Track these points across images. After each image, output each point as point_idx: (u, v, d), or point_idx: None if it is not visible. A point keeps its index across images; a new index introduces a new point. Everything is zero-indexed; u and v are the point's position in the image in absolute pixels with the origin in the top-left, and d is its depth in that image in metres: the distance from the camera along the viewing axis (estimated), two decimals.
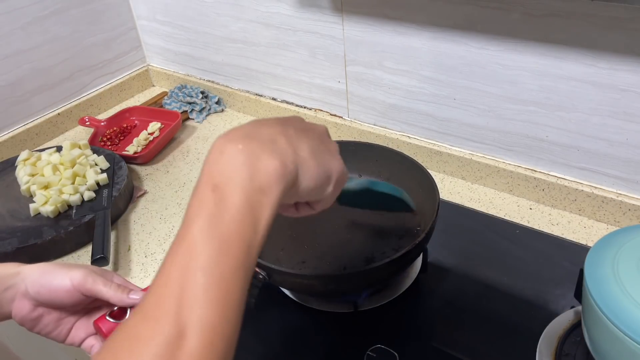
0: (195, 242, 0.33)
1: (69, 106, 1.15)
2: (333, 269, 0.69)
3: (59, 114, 1.13)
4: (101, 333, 0.52)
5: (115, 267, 0.80)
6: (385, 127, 0.95)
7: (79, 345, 0.54)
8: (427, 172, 0.73)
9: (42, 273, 0.51)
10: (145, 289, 0.52)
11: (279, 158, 0.36)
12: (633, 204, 0.75)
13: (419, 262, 0.73)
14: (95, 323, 0.52)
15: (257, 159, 0.35)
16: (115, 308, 0.53)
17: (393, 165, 0.79)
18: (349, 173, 0.45)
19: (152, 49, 1.26)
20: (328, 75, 0.97)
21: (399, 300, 0.69)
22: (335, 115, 1.01)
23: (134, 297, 0.51)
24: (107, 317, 0.52)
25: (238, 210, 0.34)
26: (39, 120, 1.11)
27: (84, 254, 0.82)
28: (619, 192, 0.76)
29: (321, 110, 1.03)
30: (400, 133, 0.94)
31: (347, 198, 0.59)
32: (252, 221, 0.34)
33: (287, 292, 0.72)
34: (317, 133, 0.41)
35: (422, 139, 0.92)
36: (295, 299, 0.71)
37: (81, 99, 1.17)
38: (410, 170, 0.76)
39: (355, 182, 0.68)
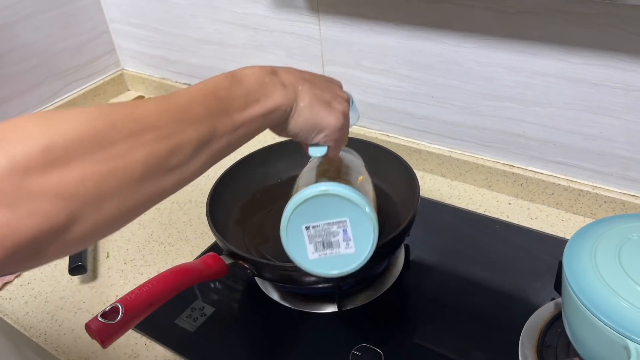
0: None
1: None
2: None
3: None
4: (93, 334, 0.51)
5: (95, 275, 0.78)
6: (364, 127, 0.95)
7: None
8: (406, 163, 0.74)
9: None
10: None
11: (281, 96, 0.45)
12: (608, 196, 0.76)
13: (401, 260, 0.74)
14: (87, 325, 0.52)
15: (269, 84, 0.45)
16: (107, 308, 0.52)
17: (372, 159, 0.79)
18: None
19: (126, 52, 1.24)
20: None
21: (382, 298, 0.69)
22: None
23: None
24: (99, 318, 0.51)
25: (247, 89, 0.43)
26: None
27: (61, 262, 0.80)
28: (594, 184, 0.78)
29: None
30: (380, 132, 0.94)
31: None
32: (249, 102, 0.43)
33: (271, 295, 0.71)
34: (330, 96, 0.49)
35: (401, 137, 0.92)
36: (279, 301, 0.70)
37: (54, 105, 1.14)
38: (389, 163, 0.76)
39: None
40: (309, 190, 0.44)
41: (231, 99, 0.42)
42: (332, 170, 0.52)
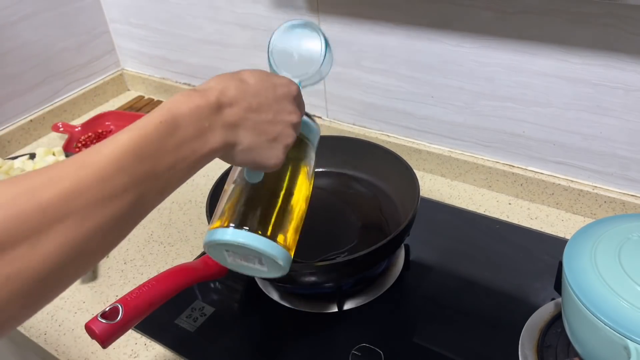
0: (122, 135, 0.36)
1: (41, 112, 1.12)
2: (312, 260, 0.69)
3: (31, 120, 1.11)
4: (93, 334, 0.51)
5: (94, 275, 0.78)
6: (364, 127, 0.96)
7: None
8: (406, 163, 0.74)
9: None
10: None
11: (220, 139, 0.41)
12: (608, 196, 0.76)
13: (401, 260, 0.74)
14: (87, 325, 0.52)
15: (207, 129, 0.40)
16: (107, 308, 0.52)
17: (372, 159, 0.80)
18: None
19: (126, 52, 1.24)
20: None
21: (382, 298, 0.69)
22: (314, 115, 1.01)
23: None
24: (99, 318, 0.52)
25: (179, 141, 0.38)
26: (10, 128, 1.08)
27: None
28: (594, 184, 0.78)
29: None
30: (380, 132, 0.94)
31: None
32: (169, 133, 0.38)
33: (271, 295, 0.71)
34: (277, 131, 0.45)
35: (401, 137, 0.92)
36: (279, 301, 0.70)
37: (54, 105, 1.15)
38: (389, 163, 0.76)
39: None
40: (223, 237, 0.48)
41: (161, 156, 0.36)
42: (261, 187, 0.52)
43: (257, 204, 0.51)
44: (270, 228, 0.49)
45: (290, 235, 0.51)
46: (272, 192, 0.52)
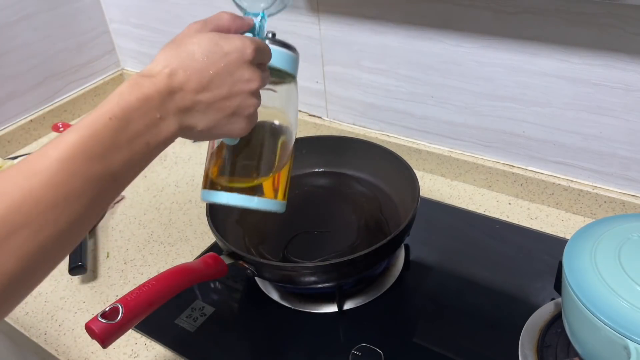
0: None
1: (41, 112, 1.12)
2: (312, 260, 0.69)
3: (31, 120, 1.11)
4: (93, 334, 0.51)
5: (95, 275, 0.78)
6: (364, 127, 0.96)
7: None
8: (406, 163, 0.74)
9: None
10: None
11: (172, 133, 0.40)
12: (608, 196, 0.76)
13: (401, 260, 0.74)
14: (87, 325, 0.52)
15: (165, 122, 0.39)
16: (107, 308, 0.52)
17: (372, 159, 0.80)
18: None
19: (126, 52, 1.24)
20: (306, 76, 0.97)
21: (382, 298, 0.69)
22: (314, 116, 1.01)
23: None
24: (99, 318, 0.52)
25: (131, 136, 0.37)
26: (10, 128, 1.08)
27: (61, 262, 0.80)
28: (594, 184, 0.78)
29: (300, 111, 1.02)
30: (380, 132, 0.94)
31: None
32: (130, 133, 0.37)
33: (271, 295, 0.71)
34: (235, 104, 0.43)
35: (401, 137, 0.92)
36: (279, 301, 0.70)
37: (54, 105, 1.15)
38: (389, 163, 0.77)
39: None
40: (215, 199, 0.51)
41: (114, 153, 0.35)
42: (248, 150, 0.52)
43: (244, 162, 0.52)
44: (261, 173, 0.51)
45: (281, 178, 0.53)
46: (257, 146, 0.52)
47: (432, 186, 0.89)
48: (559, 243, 0.74)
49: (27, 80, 1.09)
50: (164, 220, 0.87)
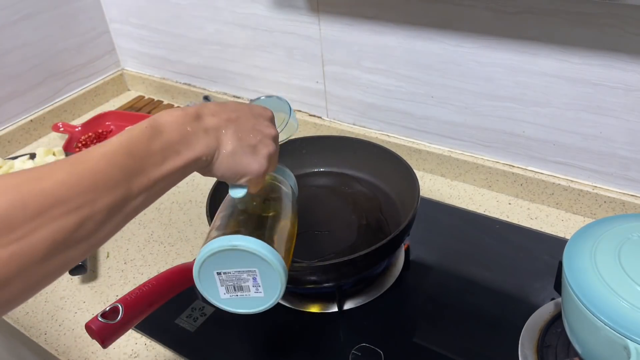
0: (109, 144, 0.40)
1: (41, 112, 1.12)
2: (312, 260, 0.69)
3: (31, 120, 1.11)
4: (93, 334, 0.51)
5: (95, 275, 0.78)
6: (364, 127, 0.96)
7: None
8: (406, 163, 0.74)
9: None
10: None
11: (203, 145, 0.44)
12: (608, 196, 0.76)
13: (401, 259, 0.74)
14: (87, 325, 0.52)
15: (190, 134, 0.44)
16: (107, 308, 0.52)
17: (372, 159, 0.80)
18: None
19: (127, 52, 1.24)
20: (306, 76, 0.97)
21: (382, 298, 0.69)
22: (314, 116, 1.01)
23: None
24: (99, 318, 0.52)
25: (166, 140, 0.42)
26: (10, 128, 1.08)
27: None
28: (594, 184, 0.78)
29: (300, 111, 1.02)
30: (380, 132, 0.94)
31: None
32: (154, 160, 0.41)
33: None
34: (256, 139, 0.48)
35: (401, 137, 0.92)
36: (279, 301, 0.70)
37: (54, 105, 1.15)
38: (389, 163, 0.77)
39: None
40: (220, 243, 0.46)
41: (148, 155, 0.40)
42: (251, 208, 0.52)
43: (253, 220, 0.50)
44: (266, 237, 0.48)
45: (283, 252, 0.50)
46: (261, 212, 0.52)
47: (432, 186, 0.89)
48: (559, 243, 0.74)
49: (27, 80, 1.09)
50: (164, 220, 0.88)
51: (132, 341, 0.68)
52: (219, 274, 0.48)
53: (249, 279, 0.48)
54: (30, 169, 0.35)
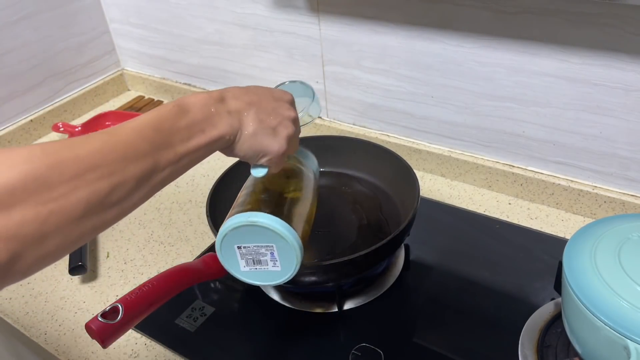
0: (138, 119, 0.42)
1: (41, 112, 1.12)
2: (312, 260, 0.69)
3: (31, 120, 1.11)
4: (93, 334, 0.51)
5: (95, 274, 0.78)
6: (364, 127, 0.96)
7: None
8: (406, 163, 0.74)
9: None
10: None
11: (226, 126, 0.46)
12: (608, 196, 0.76)
13: (401, 259, 0.74)
14: (87, 325, 0.52)
15: (213, 115, 0.46)
16: (107, 308, 0.53)
17: (372, 159, 0.80)
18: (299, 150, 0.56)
19: (127, 52, 1.24)
20: (306, 76, 0.97)
21: (382, 298, 0.69)
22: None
23: None
24: (99, 318, 0.52)
25: (191, 119, 0.44)
26: (10, 128, 1.08)
27: (61, 262, 0.80)
28: (594, 184, 0.78)
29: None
30: (380, 132, 0.94)
31: None
32: (192, 130, 0.44)
33: (271, 295, 0.71)
34: (277, 120, 0.50)
35: (401, 137, 0.92)
36: (279, 301, 0.70)
37: (54, 105, 1.15)
38: (389, 163, 0.77)
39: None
40: (240, 218, 0.49)
41: (175, 131, 0.43)
42: (272, 188, 0.55)
43: (273, 199, 0.53)
44: (284, 215, 0.50)
45: (301, 230, 0.52)
46: (282, 191, 0.55)
47: (432, 186, 0.89)
48: (559, 243, 0.74)
49: (27, 80, 1.09)
50: (164, 220, 0.88)
51: (132, 341, 0.68)
52: (239, 247, 0.50)
53: (267, 254, 0.50)
54: (68, 139, 0.38)
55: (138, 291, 0.55)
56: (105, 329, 0.51)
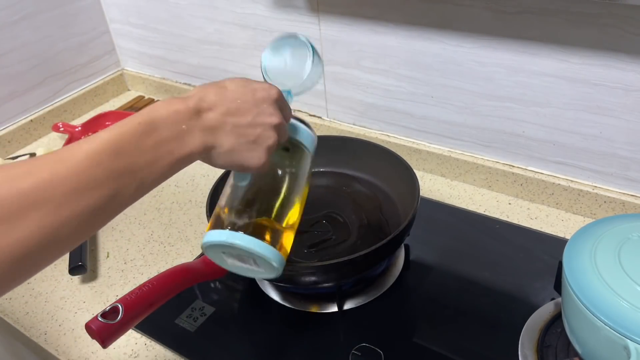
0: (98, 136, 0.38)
1: (41, 112, 1.12)
2: (311, 260, 0.69)
3: (31, 120, 1.11)
4: (93, 334, 0.51)
5: (95, 275, 0.78)
6: (364, 127, 0.96)
7: None
8: (406, 163, 0.74)
9: None
10: None
11: (199, 144, 0.42)
12: (608, 196, 0.76)
13: (401, 259, 0.74)
14: (87, 325, 0.52)
15: (185, 132, 0.42)
16: (107, 308, 0.53)
17: (372, 159, 0.80)
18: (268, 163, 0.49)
19: (126, 52, 1.24)
20: None
21: (382, 298, 0.69)
22: (314, 116, 1.01)
23: None
24: (99, 318, 0.52)
25: (157, 141, 0.39)
26: (11, 128, 1.08)
27: (61, 262, 0.80)
28: (594, 184, 0.78)
29: (300, 111, 1.02)
30: (380, 132, 0.94)
31: None
32: (152, 157, 0.39)
33: (271, 295, 0.71)
34: (256, 133, 0.46)
35: (401, 137, 0.92)
36: (279, 301, 0.70)
37: (54, 105, 1.15)
38: (389, 163, 0.77)
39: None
40: (220, 238, 0.49)
41: (139, 154, 0.38)
42: (259, 184, 0.53)
43: (252, 206, 0.52)
44: (264, 231, 0.50)
45: (284, 236, 0.52)
46: (266, 194, 0.53)
47: (432, 186, 0.89)
48: (558, 243, 0.74)
49: (27, 80, 1.09)
50: (164, 220, 0.88)
51: (132, 341, 0.68)
52: (224, 252, 0.52)
53: (250, 260, 0.51)
54: (12, 165, 0.34)
55: (138, 291, 0.56)
56: (105, 329, 0.51)
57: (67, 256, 0.79)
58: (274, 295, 0.71)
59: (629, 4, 0.62)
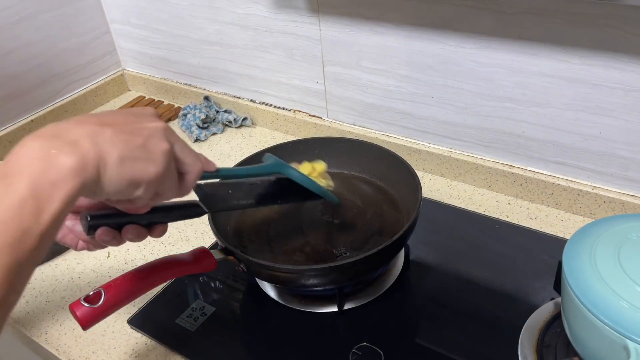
0: None
1: (42, 112, 1.13)
2: (313, 263, 0.69)
3: (32, 120, 1.11)
4: (76, 317, 0.53)
5: (95, 275, 0.78)
6: (364, 127, 0.96)
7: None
8: (408, 165, 0.74)
9: None
10: None
11: (77, 159, 0.36)
12: (608, 196, 0.76)
13: (401, 259, 0.74)
14: (71, 307, 0.53)
15: (55, 156, 0.35)
16: (91, 293, 0.54)
17: (372, 159, 0.80)
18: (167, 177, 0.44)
19: (127, 53, 1.24)
20: (306, 76, 0.97)
21: (382, 298, 0.69)
22: (314, 116, 1.01)
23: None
24: (82, 302, 0.53)
25: (20, 198, 0.33)
26: (11, 128, 1.08)
27: (62, 262, 0.80)
28: (594, 185, 0.78)
29: (300, 111, 1.02)
30: (380, 132, 0.94)
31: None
32: (34, 210, 0.33)
33: (271, 294, 0.71)
34: (143, 137, 0.40)
35: (401, 138, 0.92)
36: (279, 301, 0.70)
37: (55, 105, 1.15)
38: (389, 164, 0.77)
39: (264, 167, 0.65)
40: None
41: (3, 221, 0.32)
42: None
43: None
44: None
45: None
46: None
47: (432, 186, 0.89)
48: (558, 243, 0.74)
49: (28, 80, 1.09)
50: None
51: (133, 341, 0.68)
52: None
53: None
54: None
55: (122, 278, 0.57)
56: (86, 312, 0.53)
57: (67, 256, 0.78)
58: (274, 295, 0.71)
59: (629, 4, 0.62)
